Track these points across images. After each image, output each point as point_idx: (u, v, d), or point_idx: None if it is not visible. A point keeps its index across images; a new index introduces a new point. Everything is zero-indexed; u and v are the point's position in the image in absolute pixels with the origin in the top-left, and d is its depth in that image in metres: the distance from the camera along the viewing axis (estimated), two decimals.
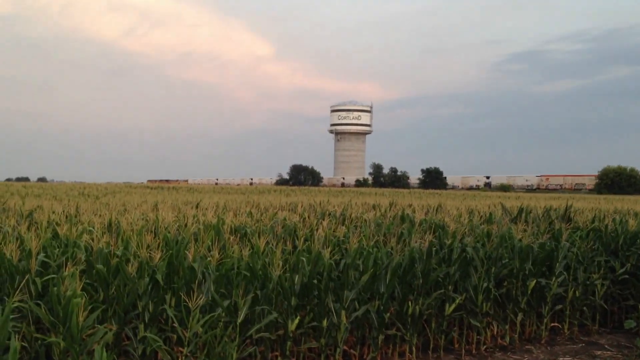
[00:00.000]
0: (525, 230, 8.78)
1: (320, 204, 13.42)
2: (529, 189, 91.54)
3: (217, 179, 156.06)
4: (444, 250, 7.94)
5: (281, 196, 24.16)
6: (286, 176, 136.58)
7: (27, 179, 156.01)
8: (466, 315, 7.92)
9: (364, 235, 7.60)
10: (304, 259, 6.49)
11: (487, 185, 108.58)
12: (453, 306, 7.64)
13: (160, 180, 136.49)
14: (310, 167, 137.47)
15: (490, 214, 10.47)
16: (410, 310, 7.25)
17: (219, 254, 6.49)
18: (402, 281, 7.30)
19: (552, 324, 8.89)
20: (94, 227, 7.17)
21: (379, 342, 6.99)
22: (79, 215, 9.12)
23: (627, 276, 9.61)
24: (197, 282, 5.89)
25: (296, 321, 6.27)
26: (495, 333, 8.26)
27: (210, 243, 6.73)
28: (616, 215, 12.35)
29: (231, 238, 7.13)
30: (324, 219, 9.28)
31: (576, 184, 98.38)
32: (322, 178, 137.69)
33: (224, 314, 5.83)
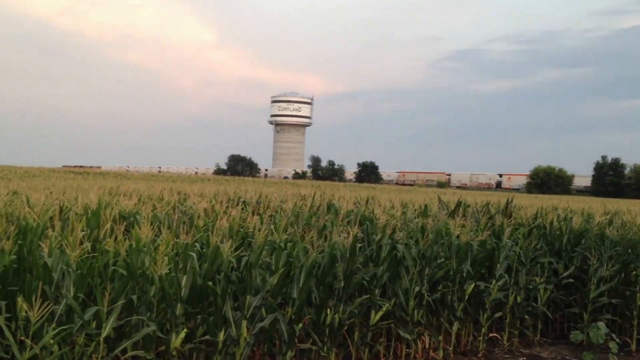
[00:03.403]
0: (463, 226, 7.70)
1: (245, 192, 12.14)
2: (390, 184, 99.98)
3: (127, 167, 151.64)
4: (372, 247, 6.81)
5: (211, 185, 22.78)
6: (224, 166, 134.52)
7: None
8: (395, 325, 6.80)
9: (276, 227, 6.37)
10: (193, 254, 5.22)
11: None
12: (380, 314, 6.52)
13: (75, 166, 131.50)
14: (248, 157, 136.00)
15: (426, 206, 9.37)
16: (328, 320, 6.08)
17: (92, 246, 5.22)
18: (321, 284, 6.13)
19: (491, 335, 7.85)
20: None
21: (289, 359, 5.79)
22: None
23: (571, 280, 8.65)
24: (55, 282, 4.60)
25: (182, 335, 5.01)
26: (427, 345, 7.14)
27: (82, 232, 5.39)
28: (559, 212, 11.46)
29: (115, 227, 5.79)
30: (237, 206, 8.02)
31: (427, 180, 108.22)
32: (260, 169, 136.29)
33: (88, 325, 4.55)
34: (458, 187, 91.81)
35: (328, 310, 6.10)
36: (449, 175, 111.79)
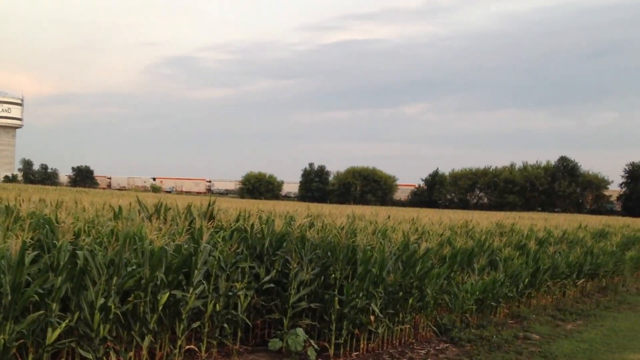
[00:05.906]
0: (160, 230, 7.12)
1: None
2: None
3: None
4: (52, 254, 5.96)
5: None
6: None
7: None
8: (78, 343, 6.01)
9: None
10: None
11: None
12: (57, 332, 5.70)
13: None
14: None
15: (120, 208, 8.62)
16: None
17: None
18: None
19: (188, 346, 7.36)
20: None
21: None
22: None
23: (272, 285, 8.47)
24: None
25: None
26: None
27: None
28: (262, 214, 11.36)
29: None
30: None
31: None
32: None
33: None
34: (118, 189, 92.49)
35: None
36: (110, 178, 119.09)
